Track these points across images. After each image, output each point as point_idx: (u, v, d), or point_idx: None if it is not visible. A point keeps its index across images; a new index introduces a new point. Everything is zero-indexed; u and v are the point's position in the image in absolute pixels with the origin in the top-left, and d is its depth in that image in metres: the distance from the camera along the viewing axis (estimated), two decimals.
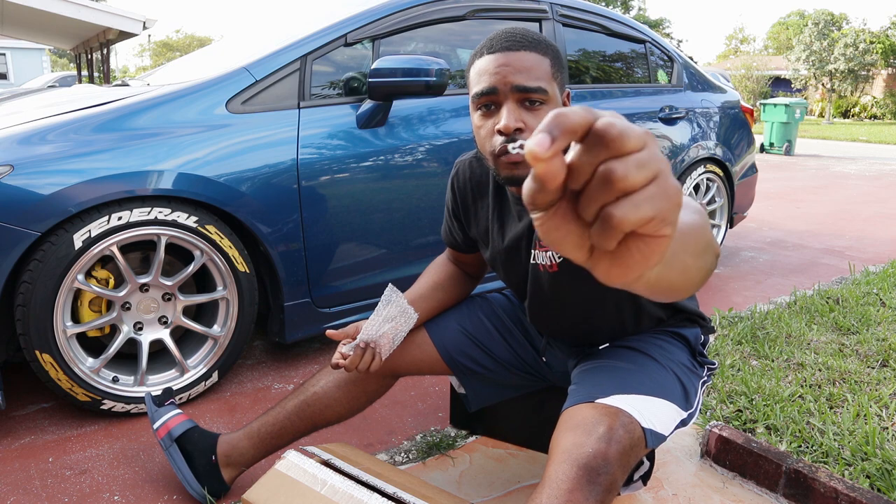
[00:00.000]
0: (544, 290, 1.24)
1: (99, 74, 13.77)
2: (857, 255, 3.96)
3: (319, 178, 2.04)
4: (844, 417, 1.73)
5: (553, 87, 1.06)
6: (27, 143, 1.66)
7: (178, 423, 1.47)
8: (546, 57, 1.07)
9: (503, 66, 1.04)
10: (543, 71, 1.05)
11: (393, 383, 1.46)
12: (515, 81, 1.03)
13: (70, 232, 1.66)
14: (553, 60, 1.08)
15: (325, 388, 1.41)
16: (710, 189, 3.47)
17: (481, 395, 1.48)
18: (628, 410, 1.06)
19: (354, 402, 1.43)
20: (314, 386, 1.42)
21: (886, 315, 2.56)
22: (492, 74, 1.04)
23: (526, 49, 1.05)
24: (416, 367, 1.41)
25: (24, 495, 1.52)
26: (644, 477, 1.19)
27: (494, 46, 1.06)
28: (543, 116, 1.02)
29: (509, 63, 1.04)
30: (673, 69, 3.37)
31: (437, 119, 2.33)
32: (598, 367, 1.20)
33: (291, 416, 1.41)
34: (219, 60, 2.37)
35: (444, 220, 1.46)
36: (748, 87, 27.07)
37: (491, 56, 1.06)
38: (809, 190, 6.86)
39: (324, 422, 1.42)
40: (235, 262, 1.92)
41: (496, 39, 1.07)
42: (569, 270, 1.16)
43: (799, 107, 10.67)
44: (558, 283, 1.19)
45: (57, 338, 1.71)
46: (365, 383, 1.41)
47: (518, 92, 1.04)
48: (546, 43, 1.09)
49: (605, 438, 1.00)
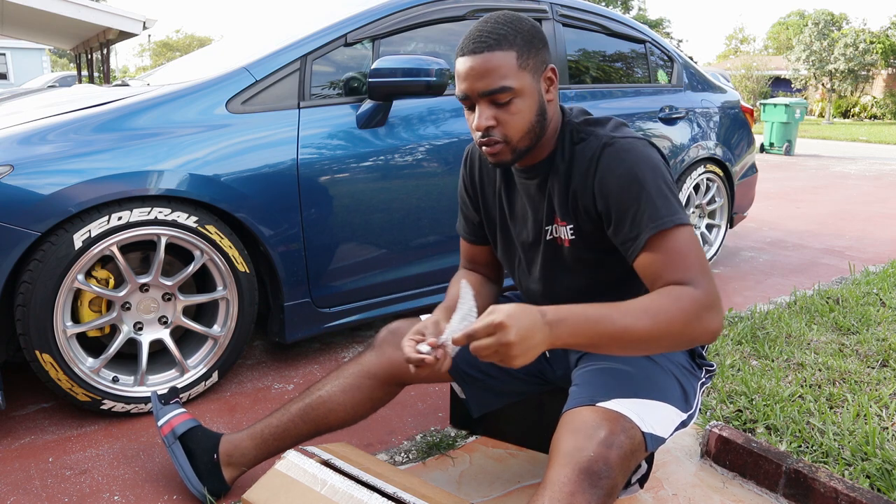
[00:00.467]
0: (556, 263, 1.29)
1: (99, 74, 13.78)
2: (857, 255, 3.96)
3: (319, 178, 2.04)
4: (844, 417, 1.73)
5: (521, 78, 1.12)
6: (27, 143, 1.66)
7: (181, 422, 1.48)
8: (511, 50, 1.10)
9: (470, 72, 1.11)
10: (508, 67, 1.10)
11: (398, 391, 1.46)
12: (479, 88, 1.11)
13: (70, 232, 1.66)
14: (520, 50, 1.11)
15: (331, 393, 1.41)
16: (710, 189, 3.47)
17: (483, 402, 1.48)
18: (629, 415, 1.07)
19: (359, 409, 1.42)
20: (319, 390, 1.42)
21: (886, 315, 2.56)
22: (462, 80, 1.13)
23: (489, 49, 1.10)
24: (424, 376, 1.41)
25: (24, 495, 1.52)
26: (641, 480, 1.21)
27: (464, 49, 1.13)
28: (516, 110, 1.11)
29: (474, 68, 1.11)
30: (673, 69, 3.37)
31: (437, 119, 2.33)
32: (598, 368, 1.20)
33: (295, 420, 1.41)
34: (219, 60, 2.38)
35: (459, 210, 1.50)
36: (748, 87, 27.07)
37: (462, 59, 1.13)
38: (809, 190, 6.87)
39: (327, 427, 1.42)
40: (235, 262, 1.92)
41: (466, 41, 1.13)
42: (583, 244, 1.23)
43: (799, 107, 10.67)
44: (572, 255, 1.26)
45: (57, 338, 1.71)
46: (371, 390, 1.41)
47: (485, 95, 1.12)
48: (511, 33, 1.11)
49: (607, 443, 1.02)
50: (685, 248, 1.08)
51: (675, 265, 1.07)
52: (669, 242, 1.08)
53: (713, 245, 3.58)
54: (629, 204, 1.11)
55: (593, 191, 1.16)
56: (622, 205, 1.12)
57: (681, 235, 1.09)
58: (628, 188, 1.11)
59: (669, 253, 1.08)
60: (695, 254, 1.09)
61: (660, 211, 1.09)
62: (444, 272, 2.42)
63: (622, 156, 1.13)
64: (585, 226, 1.21)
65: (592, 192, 1.16)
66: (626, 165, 1.12)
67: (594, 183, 1.16)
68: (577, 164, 1.20)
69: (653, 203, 1.10)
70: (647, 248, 1.10)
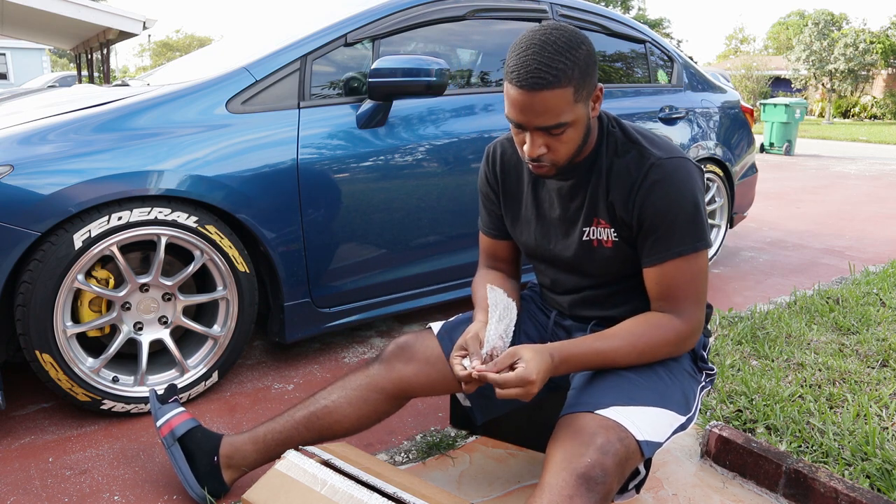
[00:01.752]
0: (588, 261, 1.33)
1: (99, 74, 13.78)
2: (857, 255, 3.96)
3: (319, 178, 2.04)
4: (844, 417, 1.73)
5: (576, 111, 1.14)
6: (27, 143, 1.66)
7: (181, 422, 1.47)
8: (569, 87, 1.11)
9: (526, 107, 1.12)
10: (565, 103, 1.12)
11: (404, 404, 1.46)
12: (536, 123, 1.13)
13: (70, 232, 1.66)
14: (577, 84, 1.12)
15: (337, 403, 1.41)
16: (710, 189, 3.47)
17: (488, 410, 1.48)
18: (625, 424, 1.12)
19: (364, 421, 1.42)
20: (325, 399, 1.42)
21: (886, 315, 2.56)
22: (517, 111, 1.14)
23: (548, 87, 1.09)
24: (431, 389, 1.41)
25: (24, 495, 1.52)
26: (638, 486, 1.21)
27: (520, 80, 1.10)
28: (567, 139, 1.15)
29: (533, 105, 1.11)
30: (673, 69, 3.37)
31: (438, 119, 2.33)
32: (598, 373, 1.24)
33: (299, 427, 1.41)
34: (219, 60, 2.37)
35: (481, 206, 1.51)
36: (748, 87, 27.05)
37: (516, 91, 1.12)
38: (809, 190, 6.87)
39: (331, 435, 1.42)
40: (235, 262, 1.92)
41: (521, 70, 1.10)
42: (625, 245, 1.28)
43: (799, 107, 10.67)
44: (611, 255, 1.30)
45: (57, 338, 1.71)
46: (378, 404, 1.41)
47: (541, 129, 1.15)
48: (570, 67, 1.10)
49: (603, 450, 1.06)
50: (690, 276, 1.22)
51: (675, 292, 1.22)
52: (681, 268, 1.21)
53: (713, 245, 3.58)
54: (661, 225, 1.21)
55: (635, 207, 1.22)
56: (655, 224, 1.21)
57: (693, 263, 1.21)
58: (666, 213, 1.20)
59: (675, 279, 1.22)
60: (697, 283, 1.22)
61: (684, 238, 1.20)
62: (445, 272, 2.42)
63: (667, 180, 1.20)
64: (623, 232, 1.27)
65: (634, 208, 1.22)
66: (670, 190, 1.20)
67: (636, 200, 1.22)
68: (618, 175, 1.25)
69: (681, 230, 1.20)
70: (660, 267, 1.23)
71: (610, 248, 1.29)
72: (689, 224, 1.20)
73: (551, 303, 1.49)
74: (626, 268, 1.31)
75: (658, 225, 1.20)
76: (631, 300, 1.34)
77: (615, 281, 1.34)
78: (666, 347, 1.22)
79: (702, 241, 1.21)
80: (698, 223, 1.21)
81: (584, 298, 1.40)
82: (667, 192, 1.19)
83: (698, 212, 1.21)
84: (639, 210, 1.22)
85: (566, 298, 1.43)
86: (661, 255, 1.22)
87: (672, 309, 1.23)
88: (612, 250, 1.29)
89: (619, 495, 1.21)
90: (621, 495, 1.21)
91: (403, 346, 1.42)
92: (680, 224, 1.20)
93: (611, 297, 1.37)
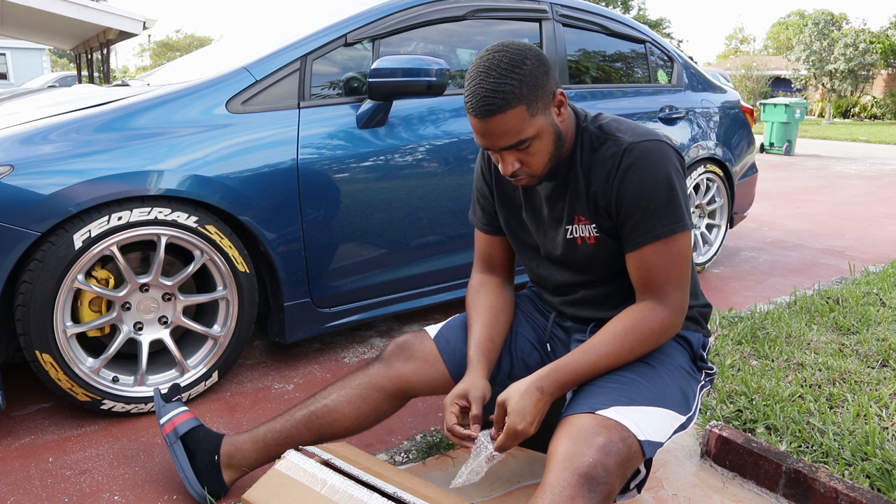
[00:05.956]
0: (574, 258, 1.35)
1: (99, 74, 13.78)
2: (857, 255, 3.96)
3: (319, 178, 2.04)
4: (844, 417, 1.73)
5: (535, 124, 1.16)
6: (27, 143, 1.66)
7: (183, 421, 1.48)
8: (520, 105, 1.12)
9: (486, 133, 1.16)
10: (521, 121, 1.14)
11: (404, 404, 1.47)
12: (501, 145, 1.17)
13: (70, 232, 1.66)
14: (528, 100, 1.13)
15: (337, 402, 1.41)
16: (710, 189, 3.47)
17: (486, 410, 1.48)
18: (626, 424, 1.12)
19: (364, 420, 1.43)
20: (325, 399, 1.43)
21: (886, 315, 2.56)
22: (481, 137, 1.17)
23: (499, 111, 1.12)
24: (431, 389, 1.42)
25: (24, 495, 1.52)
26: (639, 485, 1.22)
27: (474, 109, 1.14)
28: (536, 151, 1.17)
29: (491, 130, 1.15)
30: (673, 69, 3.37)
31: (438, 119, 2.33)
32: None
33: (299, 426, 1.41)
34: (219, 60, 2.37)
35: (474, 200, 1.52)
36: (748, 87, 27.05)
37: (473, 118, 1.15)
38: (809, 190, 6.87)
39: (331, 435, 1.42)
40: (235, 262, 1.92)
41: (472, 98, 1.14)
42: (607, 239, 1.29)
43: (799, 107, 10.67)
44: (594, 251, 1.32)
45: (57, 338, 1.71)
46: (377, 403, 1.42)
47: (505, 149, 1.18)
48: (516, 85, 1.11)
49: (605, 450, 1.06)
50: (670, 259, 1.22)
51: (656, 277, 1.23)
52: (660, 251, 1.22)
53: (713, 245, 3.58)
54: (636, 209, 1.21)
55: (613, 193, 1.23)
56: (631, 208, 1.22)
57: (672, 245, 1.22)
58: (640, 195, 1.21)
59: (655, 263, 1.22)
60: (678, 267, 1.22)
61: (661, 221, 1.21)
62: (445, 272, 2.42)
63: (639, 163, 1.21)
64: (605, 224, 1.28)
65: (612, 194, 1.24)
66: (643, 173, 1.20)
67: (612, 186, 1.23)
68: (597, 168, 1.26)
69: (657, 212, 1.21)
70: (639, 252, 1.23)
71: (593, 244, 1.31)
72: (665, 206, 1.20)
73: (550, 304, 1.49)
74: (612, 262, 1.32)
75: (634, 209, 1.21)
76: (630, 300, 1.34)
77: (608, 280, 1.35)
78: (653, 337, 1.23)
79: (679, 223, 1.21)
80: (675, 204, 1.21)
81: (581, 299, 1.40)
82: (640, 174, 1.20)
83: (674, 192, 1.21)
84: (616, 196, 1.23)
85: (562, 299, 1.44)
86: (640, 239, 1.22)
87: (654, 296, 1.23)
88: (595, 246, 1.31)
89: (621, 495, 1.21)
90: (622, 495, 1.21)
91: (403, 345, 1.43)
92: (655, 206, 1.20)
93: (608, 297, 1.37)
